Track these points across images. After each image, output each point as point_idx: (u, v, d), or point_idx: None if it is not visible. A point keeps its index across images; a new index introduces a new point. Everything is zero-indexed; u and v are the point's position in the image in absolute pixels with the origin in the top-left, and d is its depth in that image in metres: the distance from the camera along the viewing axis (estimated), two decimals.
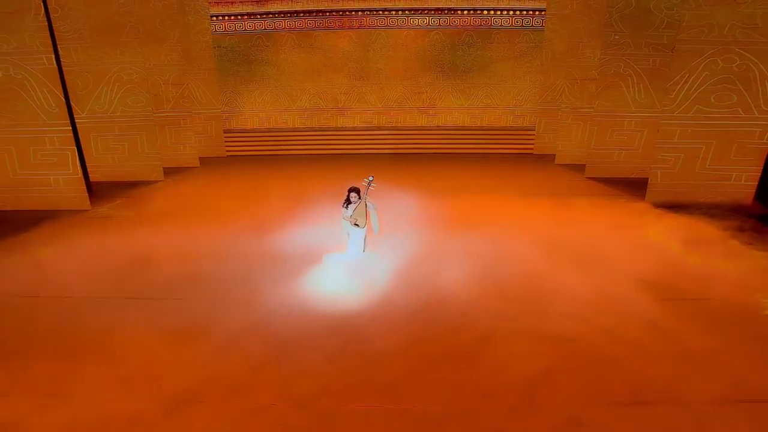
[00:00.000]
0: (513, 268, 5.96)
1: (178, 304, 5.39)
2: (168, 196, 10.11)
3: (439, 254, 6.42)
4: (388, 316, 5.02)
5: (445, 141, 13.88)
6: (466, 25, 13.64)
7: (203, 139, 13.60)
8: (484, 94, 14.15)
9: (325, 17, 13.92)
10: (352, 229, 6.23)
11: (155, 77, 11.93)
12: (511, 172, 11.28)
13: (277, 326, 4.87)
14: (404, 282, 5.71)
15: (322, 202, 7.99)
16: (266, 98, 14.76)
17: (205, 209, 9.05)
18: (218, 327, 4.89)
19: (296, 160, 12.98)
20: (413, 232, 7.09)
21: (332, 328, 4.86)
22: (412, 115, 14.56)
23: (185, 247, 6.90)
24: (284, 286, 5.67)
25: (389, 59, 14.12)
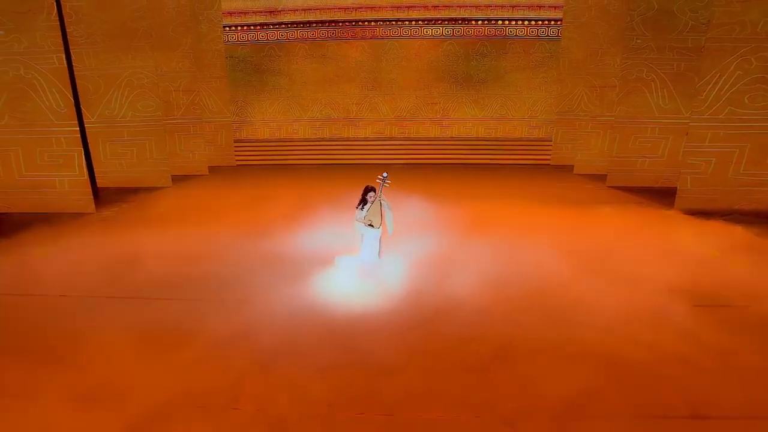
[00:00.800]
0: (532, 275, 5.51)
1: (164, 305, 5.03)
2: (173, 200, 9.90)
3: (454, 259, 6.10)
4: (393, 323, 4.57)
5: (458, 152, 13.65)
6: (480, 35, 13.55)
7: (213, 148, 13.46)
8: (499, 105, 13.94)
9: (337, 27, 13.90)
10: (366, 230, 5.96)
11: (166, 84, 11.88)
12: (528, 181, 10.97)
13: (269, 333, 4.38)
14: (416, 286, 5.36)
15: (331, 208, 7.74)
16: (277, 108, 14.65)
17: (210, 212, 8.82)
18: (203, 332, 4.44)
19: (307, 170, 12.79)
20: (427, 236, 6.82)
21: (330, 336, 4.41)
22: (425, 126, 14.36)
23: (183, 248, 6.62)
24: (286, 289, 5.29)
25: (402, 69, 14.02)
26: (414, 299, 5.03)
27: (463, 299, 4.97)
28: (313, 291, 5.27)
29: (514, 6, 13.17)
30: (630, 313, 4.76)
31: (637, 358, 4.02)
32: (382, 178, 5.98)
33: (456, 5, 13.41)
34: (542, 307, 4.86)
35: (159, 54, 11.26)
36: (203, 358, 4.07)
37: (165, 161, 11.03)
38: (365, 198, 5.98)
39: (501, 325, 4.49)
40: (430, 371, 3.90)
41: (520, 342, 4.23)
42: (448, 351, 4.13)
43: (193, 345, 4.25)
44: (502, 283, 5.36)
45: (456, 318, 4.65)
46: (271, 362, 3.99)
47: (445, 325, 4.54)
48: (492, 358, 4.03)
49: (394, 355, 4.02)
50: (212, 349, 4.17)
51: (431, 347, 4.18)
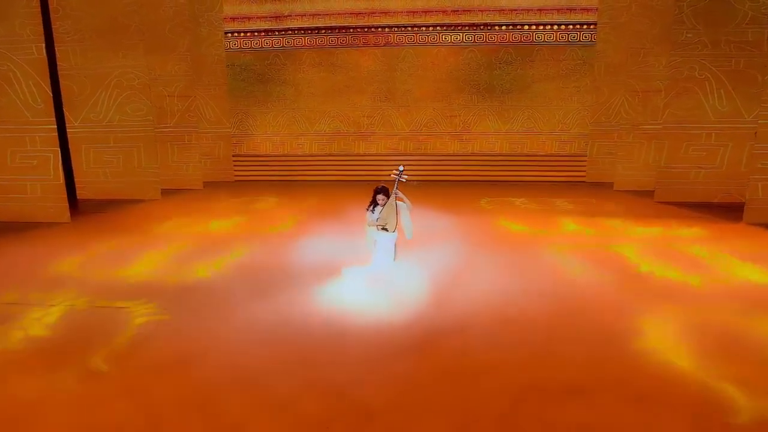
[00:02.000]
0: (575, 296, 4.85)
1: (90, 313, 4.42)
2: (159, 211, 9.40)
3: (477, 270, 5.62)
4: (398, 343, 3.89)
5: (481, 169, 13.09)
6: (504, 42, 13.19)
7: (209, 161, 13.04)
8: (525, 118, 13.40)
9: (348, 34, 13.64)
10: (380, 234, 5.48)
11: (160, 88, 11.56)
12: (562, 198, 10.28)
13: (217, 358, 3.70)
14: (433, 299, 4.80)
15: (336, 221, 7.47)
16: (281, 121, 14.26)
17: (197, 221, 8.37)
18: (129, 351, 3.75)
19: (312, 186, 12.30)
20: (448, 247, 6.44)
21: (310, 355, 3.72)
22: (444, 141, 13.86)
23: (151, 256, 6.17)
24: (260, 305, 4.69)
25: (418, 79, 13.64)
26: (429, 314, 4.45)
27: (483, 319, 4.28)
28: (295, 305, 4.65)
29: (542, 9, 12.83)
30: (708, 341, 3.91)
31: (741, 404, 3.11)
32: (398, 173, 5.52)
33: (478, 9, 13.13)
34: (585, 331, 4.06)
35: (153, 56, 11.01)
36: (123, 390, 3.31)
37: (155, 172, 10.57)
38: (376, 199, 5.54)
39: (528, 353, 3.69)
40: (426, 415, 3.05)
41: (555, 377, 3.40)
42: (458, 388, 3.30)
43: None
44: (534, 300, 4.71)
45: (470, 343, 3.89)
46: (210, 396, 3.24)
47: (456, 351, 3.80)
48: (515, 400, 3.16)
49: (383, 390, 3.24)
50: (132, 379, 3.43)
51: (436, 380, 3.39)
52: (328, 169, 13.51)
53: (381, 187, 5.82)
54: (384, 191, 5.76)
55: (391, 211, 5.55)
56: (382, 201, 5.55)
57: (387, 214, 5.51)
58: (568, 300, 4.75)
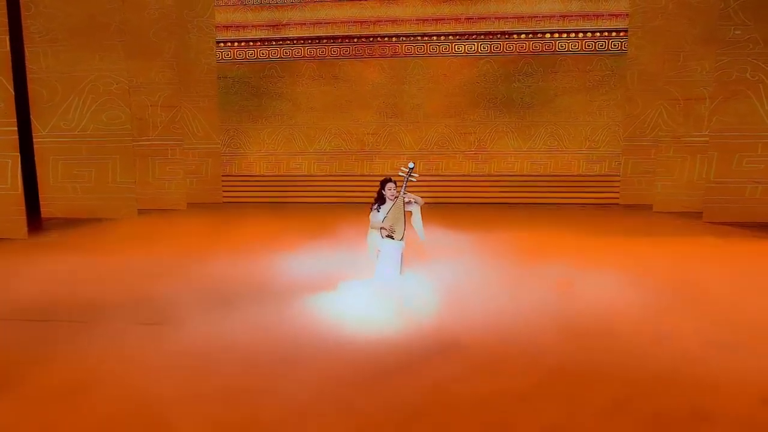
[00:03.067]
0: (618, 318, 4.38)
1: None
2: (131, 230, 8.97)
3: (503, 283, 5.38)
4: (367, 365, 3.51)
5: (498, 191, 12.59)
6: (523, 51, 12.87)
7: (195, 180, 12.57)
8: (549, 134, 12.95)
9: (352, 44, 13.42)
10: (385, 242, 5.18)
11: (141, 97, 11.18)
12: (593, 219, 9.88)
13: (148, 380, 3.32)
14: (446, 316, 4.45)
15: (335, 239, 7.21)
16: (278, 139, 13.90)
17: (170, 238, 8.07)
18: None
19: (310, 208, 11.84)
20: (463, 261, 6.19)
21: (242, 384, 3.31)
22: (457, 161, 13.40)
23: (116, 272, 5.91)
24: (225, 321, 4.36)
25: (429, 93, 13.29)
26: (438, 334, 4.07)
27: (502, 341, 3.88)
28: (256, 325, 4.25)
29: (566, 16, 12.54)
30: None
31: None
32: (407, 170, 5.27)
33: (494, 17, 12.87)
34: (625, 361, 3.55)
35: (135, 61, 10.67)
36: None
37: (131, 188, 10.09)
38: (383, 193, 5.28)
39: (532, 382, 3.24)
40: None
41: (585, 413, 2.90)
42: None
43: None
44: (563, 321, 4.27)
45: (470, 366, 3.49)
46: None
47: (469, 378, 3.35)
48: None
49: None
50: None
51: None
52: (327, 191, 12.98)
53: (389, 178, 5.50)
54: (392, 180, 5.43)
55: (398, 216, 5.27)
56: (392, 195, 5.21)
57: (394, 217, 5.22)
58: (590, 324, 4.26)
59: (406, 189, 5.15)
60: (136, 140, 10.71)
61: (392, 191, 5.28)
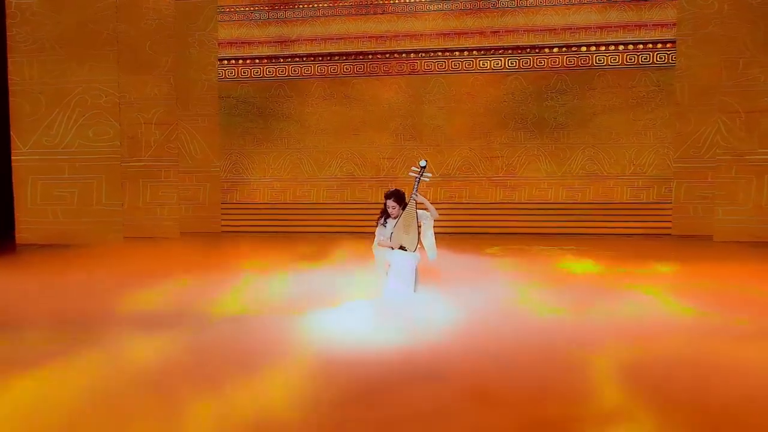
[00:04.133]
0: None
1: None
2: (112, 256, 8.73)
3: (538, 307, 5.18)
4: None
5: (529, 220, 12.23)
6: (556, 66, 12.55)
7: (191, 207, 12.36)
8: (586, 159, 12.45)
9: (366, 61, 13.30)
10: (395, 254, 5.12)
11: (134, 114, 11.12)
12: (641, 250, 9.41)
13: None
14: (465, 337, 4.17)
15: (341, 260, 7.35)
16: (284, 164, 13.66)
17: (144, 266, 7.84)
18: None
19: (316, 237, 11.57)
20: (495, 281, 6.10)
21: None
22: (483, 188, 12.98)
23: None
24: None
25: (450, 113, 13.02)
26: (432, 358, 3.82)
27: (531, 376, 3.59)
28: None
29: (604, 27, 12.20)
30: None
31: None
32: (419, 170, 5.43)
33: (523, 29, 12.62)
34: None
35: (128, 75, 10.65)
36: None
37: (119, 211, 9.90)
38: (387, 208, 5.38)
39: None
40: None
41: None
42: None
43: None
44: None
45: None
46: None
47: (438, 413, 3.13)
48: None
49: None
50: None
51: None
52: (338, 221, 12.66)
53: (392, 191, 5.64)
54: (396, 196, 5.53)
55: (410, 222, 5.18)
56: (395, 210, 5.23)
57: (406, 226, 5.13)
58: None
59: (417, 191, 5.10)
60: (126, 161, 10.65)
61: (394, 210, 5.27)
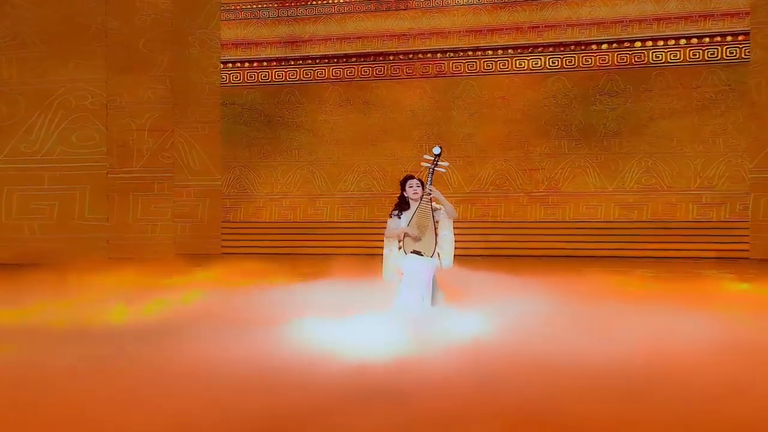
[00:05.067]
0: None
1: None
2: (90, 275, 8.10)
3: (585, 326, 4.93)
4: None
5: (575, 242, 11.64)
6: (605, 65, 12.01)
7: (187, 226, 11.98)
8: (643, 170, 11.82)
9: (387, 62, 12.97)
10: (409, 260, 5.02)
11: (125, 119, 10.86)
12: (715, 270, 9.09)
13: None
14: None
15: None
16: (294, 178, 13.33)
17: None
18: None
19: (328, 260, 10.77)
20: (535, 298, 5.91)
21: None
22: (520, 205, 12.42)
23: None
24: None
25: (482, 120, 12.58)
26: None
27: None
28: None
29: (662, 18, 11.63)
30: None
31: None
32: (433, 158, 5.37)
33: (566, 23, 12.14)
34: None
35: (120, 75, 10.48)
36: None
37: (103, 227, 9.98)
38: (405, 195, 5.32)
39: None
40: None
41: None
42: None
43: None
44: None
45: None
46: None
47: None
48: None
49: None
50: None
51: None
52: (353, 241, 12.06)
53: (411, 175, 5.48)
54: (415, 177, 5.40)
55: (425, 221, 5.08)
56: (415, 194, 5.11)
57: (419, 224, 5.03)
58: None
59: (432, 183, 4.97)
60: (114, 171, 10.48)
61: (416, 188, 5.10)
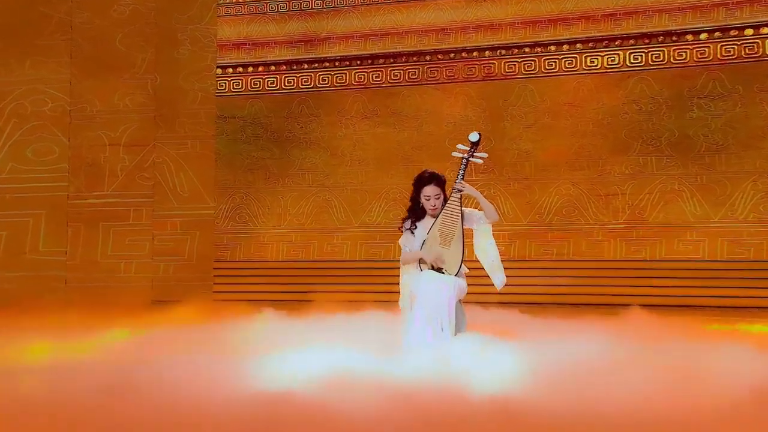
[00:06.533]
0: None
1: None
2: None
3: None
4: None
5: (670, 286, 11.04)
6: (705, 60, 11.34)
7: (171, 265, 11.65)
8: (761, 195, 11.13)
9: (422, 63, 12.52)
10: (424, 278, 5.30)
11: (96, 131, 10.84)
12: None
13: None
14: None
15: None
16: (307, 207, 12.91)
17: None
18: None
19: (346, 305, 10.46)
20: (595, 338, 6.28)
21: None
22: (594, 240, 11.79)
23: None
24: None
25: (543, 133, 12.02)
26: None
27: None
28: None
29: None
30: None
31: None
32: (469, 149, 5.72)
33: (652, 9, 11.49)
34: None
35: (89, 79, 10.57)
36: None
37: (61, 263, 10.14)
38: (420, 200, 5.72)
39: None
40: None
41: None
42: None
43: None
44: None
45: None
46: None
47: None
48: None
49: None
50: None
51: None
52: (378, 285, 11.35)
53: (431, 173, 5.75)
54: (437, 180, 5.62)
55: (451, 228, 5.26)
56: (436, 203, 5.42)
57: (444, 234, 5.26)
58: None
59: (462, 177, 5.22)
60: (80, 195, 10.46)
61: (434, 201, 5.32)
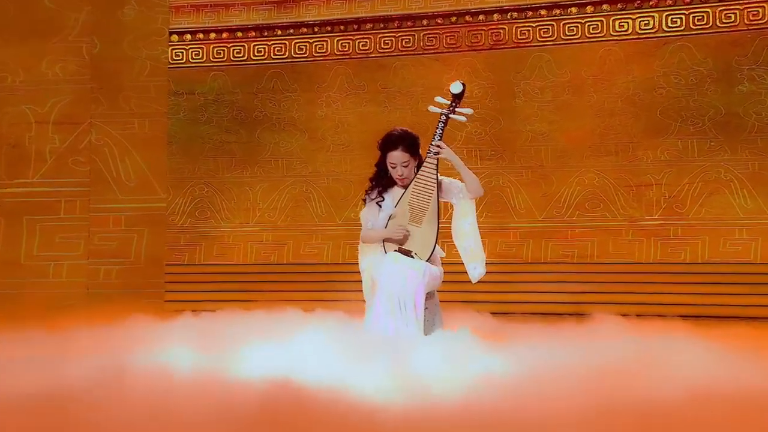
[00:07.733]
0: None
1: None
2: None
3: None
4: None
5: (714, 293, 10.85)
6: (758, 22, 11.00)
7: (113, 268, 11.40)
8: None
9: (417, 29, 12.20)
10: (388, 261, 5.46)
11: (18, 107, 10.66)
12: None
13: None
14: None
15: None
16: (280, 200, 12.64)
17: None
18: None
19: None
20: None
21: None
22: (623, 239, 11.52)
23: None
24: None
25: (563, 112, 11.73)
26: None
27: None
28: None
29: None
30: None
31: None
32: (449, 103, 6.03)
33: None
34: None
35: (10, 46, 10.46)
36: None
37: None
38: (386, 167, 5.93)
39: None
40: None
41: None
42: None
43: None
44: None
45: None
46: None
47: None
48: None
49: None
50: None
51: None
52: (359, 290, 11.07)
53: (399, 133, 5.82)
54: (407, 142, 5.76)
55: (425, 199, 5.43)
56: (404, 171, 5.59)
57: (416, 208, 5.42)
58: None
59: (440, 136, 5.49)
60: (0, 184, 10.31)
61: (401, 169, 5.51)
